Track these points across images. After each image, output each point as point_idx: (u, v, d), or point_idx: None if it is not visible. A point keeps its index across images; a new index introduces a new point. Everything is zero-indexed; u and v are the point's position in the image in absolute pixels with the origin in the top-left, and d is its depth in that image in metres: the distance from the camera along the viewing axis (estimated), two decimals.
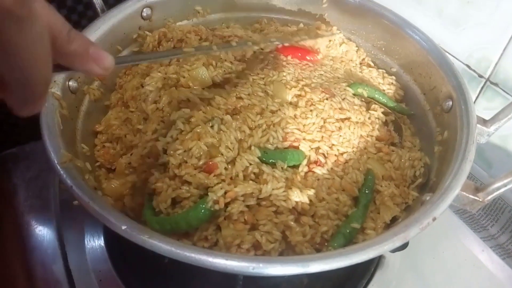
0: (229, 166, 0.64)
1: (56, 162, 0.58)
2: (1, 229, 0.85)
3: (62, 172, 0.56)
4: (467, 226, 0.95)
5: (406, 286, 0.83)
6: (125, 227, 0.51)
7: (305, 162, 0.67)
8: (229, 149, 0.64)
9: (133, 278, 0.78)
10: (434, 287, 0.84)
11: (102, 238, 0.82)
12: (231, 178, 0.63)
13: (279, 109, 0.70)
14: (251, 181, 0.63)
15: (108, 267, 0.78)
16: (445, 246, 0.89)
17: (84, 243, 0.82)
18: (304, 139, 0.68)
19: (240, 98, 0.70)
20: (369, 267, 0.81)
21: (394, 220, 0.66)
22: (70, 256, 0.80)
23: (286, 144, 0.68)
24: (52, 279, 0.77)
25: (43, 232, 0.84)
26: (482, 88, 1.00)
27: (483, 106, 1.01)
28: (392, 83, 0.85)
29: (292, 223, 0.61)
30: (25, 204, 0.88)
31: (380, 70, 0.90)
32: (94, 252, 0.80)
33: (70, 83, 0.72)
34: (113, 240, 0.82)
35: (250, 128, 0.68)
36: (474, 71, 1.00)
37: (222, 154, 0.64)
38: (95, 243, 0.82)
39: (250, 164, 0.64)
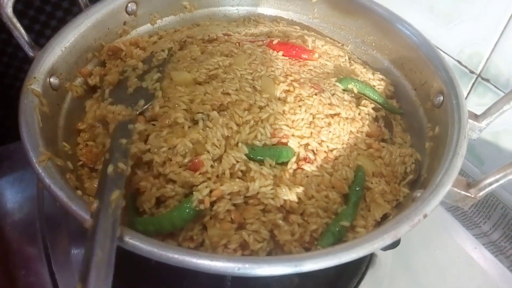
0: (215, 164, 0.62)
1: (34, 160, 0.56)
2: None
3: (40, 170, 0.54)
4: (460, 224, 0.94)
5: (398, 284, 0.82)
6: None
7: (294, 159, 0.66)
8: (216, 146, 0.63)
9: (119, 280, 0.75)
10: (427, 285, 0.83)
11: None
12: (217, 176, 0.61)
13: (267, 105, 0.68)
14: (238, 179, 0.61)
15: None
16: (437, 244, 0.88)
17: (69, 245, 0.79)
18: (293, 135, 0.67)
19: (227, 93, 0.68)
20: (361, 266, 0.80)
21: (385, 218, 0.65)
22: (54, 258, 0.78)
23: (275, 140, 0.66)
24: (35, 283, 0.75)
25: (26, 234, 0.81)
26: (473, 84, 0.99)
27: (474, 102, 1.00)
28: (382, 79, 0.84)
29: (280, 221, 0.59)
30: (8, 205, 0.86)
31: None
32: (79, 255, 0.78)
33: (51, 79, 0.70)
34: None
35: (238, 125, 0.66)
36: (465, 67, 0.99)
37: (208, 152, 0.62)
38: (80, 244, 0.79)
39: (237, 161, 0.62)
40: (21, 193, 0.89)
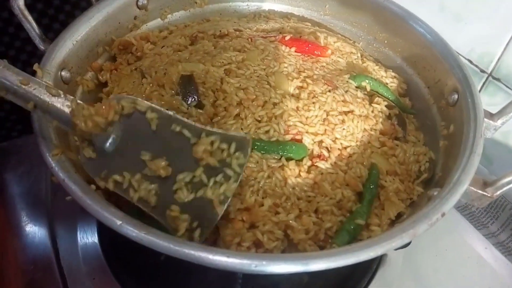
0: None
1: (47, 154, 0.55)
2: None
3: (53, 165, 0.54)
4: (470, 223, 0.94)
5: (409, 284, 0.81)
6: (121, 222, 0.48)
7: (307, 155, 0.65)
8: None
9: (127, 276, 0.76)
10: (437, 285, 0.82)
11: (96, 234, 0.80)
12: None
13: (281, 101, 0.67)
14: None
15: (102, 265, 0.76)
16: (447, 244, 0.88)
17: (77, 240, 0.79)
18: (306, 132, 0.66)
19: (246, 89, 0.68)
20: (371, 265, 0.79)
21: (398, 216, 0.64)
22: (63, 253, 0.78)
23: (288, 137, 0.65)
24: (43, 277, 0.74)
25: (34, 229, 0.81)
26: (484, 83, 0.99)
27: (485, 102, 0.96)
28: (395, 77, 0.83)
29: (292, 222, 0.59)
30: (16, 200, 0.86)
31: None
32: (87, 249, 0.78)
33: (63, 73, 0.69)
34: (107, 236, 0.79)
35: (258, 121, 0.66)
36: (476, 66, 0.98)
37: None
38: (88, 239, 0.79)
39: None
40: (29, 187, 0.88)
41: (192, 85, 0.67)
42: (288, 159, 0.64)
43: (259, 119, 0.65)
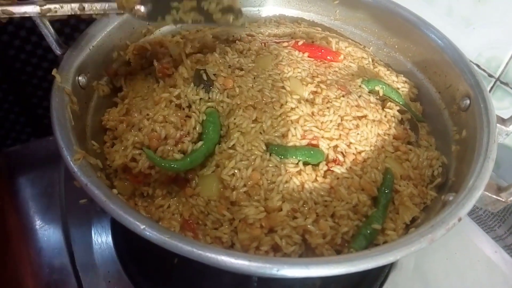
0: None
1: (69, 159, 0.55)
2: (6, 229, 0.82)
3: (76, 169, 0.54)
4: (480, 227, 0.94)
5: (420, 287, 0.82)
6: (144, 226, 0.49)
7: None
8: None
9: (142, 279, 0.76)
10: None
11: (110, 237, 0.80)
12: None
13: (297, 106, 0.68)
14: None
15: (117, 268, 0.76)
16: (457, 247, 0.88)
17: (92, 243, 0.80)
18: (322, 137, 0.67)
19: (262, 91, 0.69)
20: (383, 269, 0.80)
21: (413, 221, 0.65)
22: (78, 256, 0.78)
23: (304, 142, 0.66)
24: (59, 280, 0.75)
25: (49, 232, 0.82)
26: (491, 88, 0.99)
27: None
28: (406, 81, 0.84)
29: (310, 227, 0.59)
30: (30, 203, 0.86)
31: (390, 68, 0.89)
32: (102, 252, 0.78)
33: (80, 78, 0.70)
34: (122, 239, 0.79)
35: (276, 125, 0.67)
36: (484, 70, 0.99)
37: None
38: (103, 243, 0.79)
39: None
40: (42, 191, 0.88)
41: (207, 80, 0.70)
42: (305, 164, 0.64)
43: (276, 124, 0.66)
